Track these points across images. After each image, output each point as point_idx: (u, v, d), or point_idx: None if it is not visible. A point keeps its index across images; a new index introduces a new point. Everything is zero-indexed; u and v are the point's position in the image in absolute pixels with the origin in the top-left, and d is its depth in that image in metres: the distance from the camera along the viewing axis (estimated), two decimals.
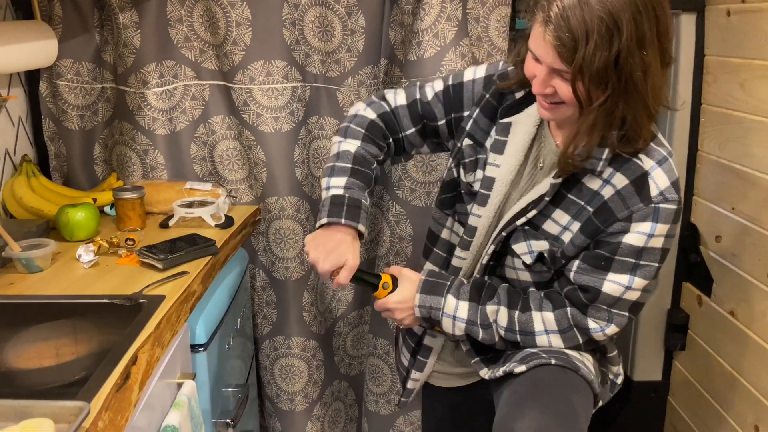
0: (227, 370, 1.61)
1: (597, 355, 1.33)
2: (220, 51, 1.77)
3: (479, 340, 1.27)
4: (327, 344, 2.02)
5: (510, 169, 1.24)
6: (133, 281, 1.34)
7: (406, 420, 2.01)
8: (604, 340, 1.26)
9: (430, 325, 1.33)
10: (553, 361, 1.19)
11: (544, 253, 1.22)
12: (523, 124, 1.24)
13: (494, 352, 1.32)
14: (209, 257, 1.47)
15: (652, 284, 1.20)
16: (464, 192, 1.32)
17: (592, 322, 1.22)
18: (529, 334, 1.24)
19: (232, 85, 1.79)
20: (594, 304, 1.20)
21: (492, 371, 1.28)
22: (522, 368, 1.20)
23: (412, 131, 1.35)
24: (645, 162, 1.14)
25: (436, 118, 1.32)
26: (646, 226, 1.14)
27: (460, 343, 1.36)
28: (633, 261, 1.16)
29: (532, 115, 1.23)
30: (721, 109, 1.65)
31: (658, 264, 1.18)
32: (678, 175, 1.16)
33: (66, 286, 1.33)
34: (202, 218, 1.64)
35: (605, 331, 1.22)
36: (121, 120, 1.83)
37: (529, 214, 1.21)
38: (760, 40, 1.48)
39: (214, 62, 1.80)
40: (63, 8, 1.75)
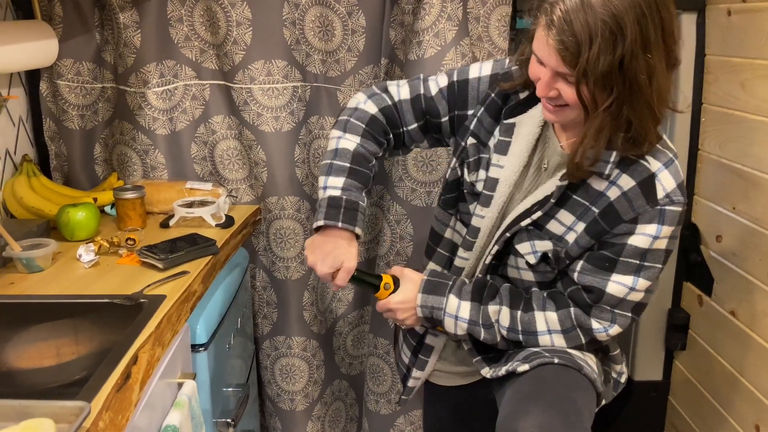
0: (228, 370, 1.61)
1: (600, 354, 1.33)
2: (220, 51, 1.77)
3: (481, 340, 1.27)
4: (327, 344, 2.02)
5: (514, 170, 1.23)
6: (134, 281, 1.34)
7: (407, 419, 2.01)
8: (607, 341, 1.26)
9: (432, 325, 1.33)
10: (556, 360, 1.19)
11: (548, 254, 1.22)
12: (527, 125, 1.23)
13: (496, 352, 1.32)
14: (210, 257, 1.46)
15: (654, 285, 1.20)
16: (467, 192, 1.31)
17: (596, 323, 1.22)
18: (532, 334, 1.24)
19: (232, 85, 1.79)
20: (598, 305, 1.20)
21: (494, 370, 1.28)
22: (525, 367, 1.19)
23: (414, 127, 1.33)
24: (652, 164, 1.13)
25: (439, 115, 1.31)
26: (652, 228, 1.14)
27: (462, 342, 1.36)
28: (637, 262, 1.16)
29: (536, 116, 1.22)
30: (722, 109, 1.65)
31: (662, 265, 1.18)
32: (683, 177, 1.16)
33: (66, 285, 1.33)
34: (203, 218, 1.64)
35: (608, 332, 1.22)
36: (122, 120, 1.83)
37: (533, 216, 1.21)
38: (760, 40, 1.48)
39: (214, 62, 1.80)
40: (63, 8, 1.75)
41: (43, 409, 0.89)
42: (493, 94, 1.26)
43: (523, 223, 1.22)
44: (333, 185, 1.27)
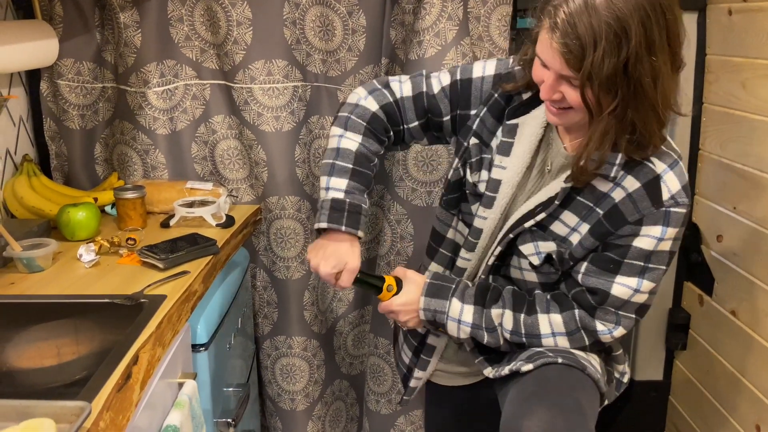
0: (228, 370, 1.61)
1: (602, 354, 1.33)
2: (220, 50, 1.77)
3: (484, 343, 1.27)
4: (328, 344, 2.02)
5: (516, 171, 1.23)
6: (134, 281, 1.33)
7: (407, 419, 2.01)
8: (611, 342, 1.26)
9: (434, 328, 1.32)
10: (559, 360, 1.19)
11: (552, 255, 1.21)
12: (530, 126, 1.22)
13: (498, 352, 1.32)
14: (210, 257, 1.46)
15: (658, 286, 1.20)
16: (469, 192, 1.30)
17: (600, 325, 1.21)
18: (535, 337, 1.24)
19: (232, 85, 1.79)
20: (602, 307, 1.20)
21: (496, 370, 1.28)
22: (529, 366, 1.19)
23: (415, 125, 1.32)
24: (657, 165, 1.13)
25: (441, 114, 1.30)
26: (657, 230, 1.13)
27: (464, 343, 1.36)
28: (642, 264, 1.16)
29: (539, 117, 1.21)
30: (723, 109, 1.65)
31: (666, 267, 1.18)
32: (687, 179, 1.15)
33: (67, 285, 1.33)
34: (203, 218, 1.64)
35: (613, 334, 1.22)
36: (122, 119, 1.83)
37: (537, 217, 1.20)
38: (761, 39, 1.48)
39: (214, 62, 1.80)
40: (64, 8, 1.75)
41: (44, 409, 0.89)
42: (496, 95, 1.25)
43: (527, 225, 1.21)
44: (336, 187, 1.26)
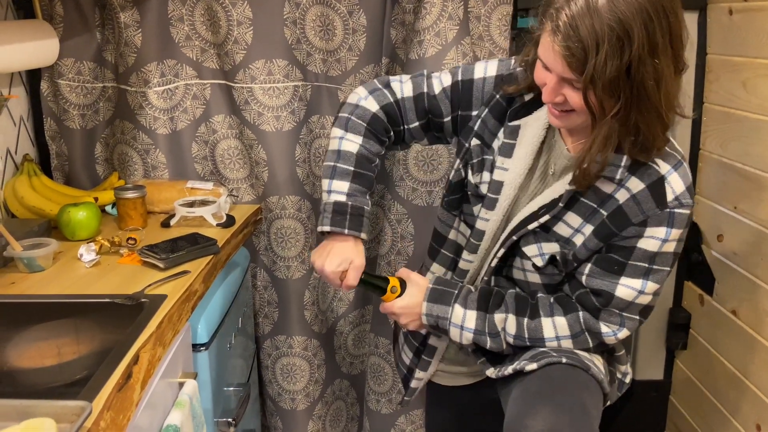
0: (229, 370, 1.61)
1: (605, 355, 1.32)
2: (221, 50, 1.77)
3: (487, 348, 1.27)
4: (328, 343, 2.02)
5: (519, 172, 1.22)
6: (135, 280, 1.33)
7: (408, 419, 2.01)
8: (615, 344, 1.26)
9: (436, 332, 1.32)
10: (563, 360, 1.19)
11: (556, 256, 1.21)
12: (532, 128, 1.21)
13: (500, 353, 1.31)
14: (210, 256, 1.46)
15: (661, 288, 1.19)
16: (471, 193, 1.30)
17: (605, 327, 1.21)
18: (539, 341, 1.24)
19: (233, 84, 1.79)
20: (606, 308, 1.20)
21: (499, 370, 1.27)
22: (533, 366, 1.19)
23: (416, 125, 1.31)
24: (661, 166, 1.12)
25: (442, 115, 1.29)
26: (661, 231, 1.13)
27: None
28: (646, 266, 1.15)
29: (541, 118, 1.21)
30: (723, 108, 1.65)
31: (670, 268, 1.17)
32: (691, 180, 1.15)
33: (67, 285, 1.33)
34: (204, 217, 1.64)
35: (617, 335, 1.21)
36: (123, 119, 1.83)
37: (541, 219, 1.20)
38: (762, 39, 1.48)
39: (215, 61, 1.80)
40: (64, 7, 1.75)
41: (45, 408, 0.89)
42: (497, 96, 1.25)
43: (531, 227, 1.21)
44: (338, 189, 1.27)
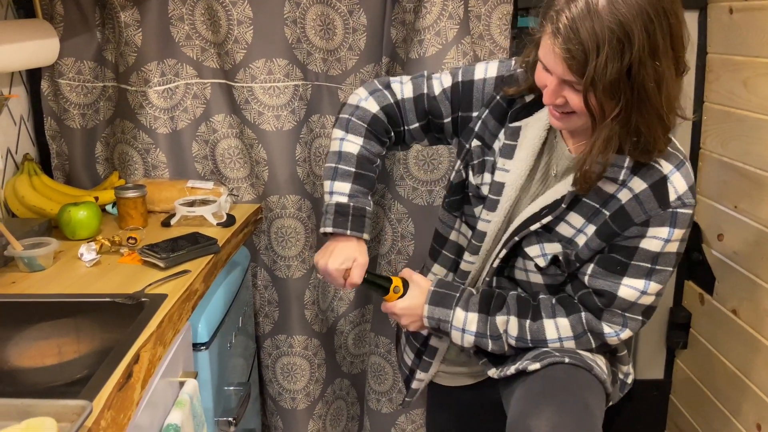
0: (229, 369, 1.61)
1: (607, 355, 1.32)
2: (221, 49, 1.77)
3: (488, 350, 1.27)
4: (329, 342, 2.02)
5: (520, 174, 1.22)
6: (135, 280, 1.33)
7: (408, 418, 2.01)
8: (617, 345, 1.26)
9: (438, 333, 1.32)
10: (566, 360, 1.19)
11: (558, 256, 1.21)
12: (533, 128, 1.21)
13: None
14: (211, 256, 1.46)
15: (664, 288, 1.19)
16: (472, 194, 1.30)
17: (607, 327, 1.21)
18: (542, 342, 1.24)
19: (233, 84, 1.79)
20: (609, 309, 1.19)
21: (501, 370, 1.27)
22: (536, 366, 1.19)
23: (416, 126, 1.31)
24: (664, 166, 1.12)
25: (442, 116, 1.29)
26: (664, 231, 1.13)
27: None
28: (649, 266, 1.15)
29: (542, 119, 1.20)
30: (724, 107, 1.65)
31: (672, 268, 1.17)
32: (694, 179, 1.14)
33: (68, 284, 1.33)
34: (204, 217, 1.64)
35: (620, 336, 1.21)
36: (123, 118, 1.83)
37: (543, 220, 1.19)
38: (762, 38, 1.48)
39: (215, 61, 1.80)
40: (64, 7, 1.75)
41: (45, 408, 0.89)
42: (498, 97, 1.24)
43: (532, 227, 1.20)
44: (339, 191, 1.27)
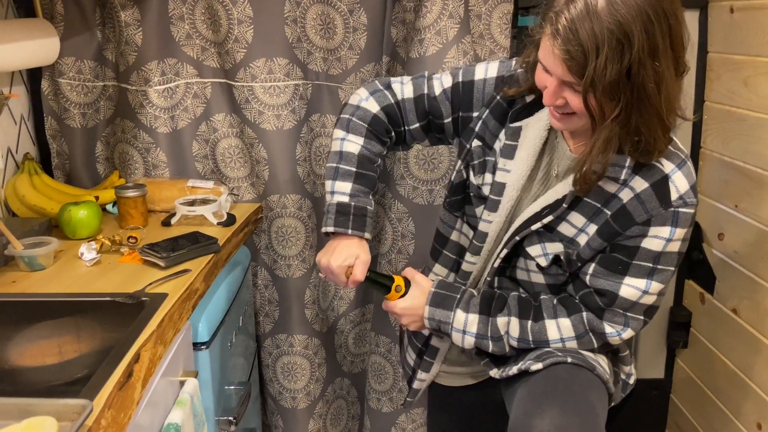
0: (229, 368, 1.61)
1: (610, 355, 1.32)
2: (221, 49, 1.77)
3: (489, 352, 1.27)
4: (329, 342, 2.02)
5: (521, 174, 1.22)
6: (136, 279, 1.34)
7: (408, 417, 2.01)
8: (619, 344, 1.26)
9: (439, 334, 1.32)
10: (569, 360, 1.18)
11: (560, 256, 1.21)
12: (534, 128, 1.21)
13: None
14: (211, 255, 1.46)
15: (665, 288, 1.19)
16: (473, 195, 1.30)
17: (609, 327, 1.21)
18: (543, 343, 1.24)
19: (233, 83, 1.79)
20: (610, 309, 1.19)
21: (503, 370, 1.27)
22: (538, 366, 1.18)
23: (416, 126, 1.32)
24: (665, 165, 1.12)
25: (442, 116, 1.29)
26: (666, 231, 1.12)
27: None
28: (650, 265, 1.15)
29: (542, 119, 1.20)
30: (725, 107, 1.65)
31: (674, 268, 1.17)
32: (695, 179, 1.14)
33: (68, 284, 1.33)
34: (204, 216, 1.64)
35: (621, 335, 1.21)
36: (123, 118, 1.83)
37: (544, 220, 1.19)
38: (763, 37, 1.48)
39: (215, 60, 1.80)
40: (65, 6, 1.75)
41: (46, 407, 0.89)
42: (498, 97, 1.24)
43: (534, 227, 1.20)
44: (340, 191, 1.27)
